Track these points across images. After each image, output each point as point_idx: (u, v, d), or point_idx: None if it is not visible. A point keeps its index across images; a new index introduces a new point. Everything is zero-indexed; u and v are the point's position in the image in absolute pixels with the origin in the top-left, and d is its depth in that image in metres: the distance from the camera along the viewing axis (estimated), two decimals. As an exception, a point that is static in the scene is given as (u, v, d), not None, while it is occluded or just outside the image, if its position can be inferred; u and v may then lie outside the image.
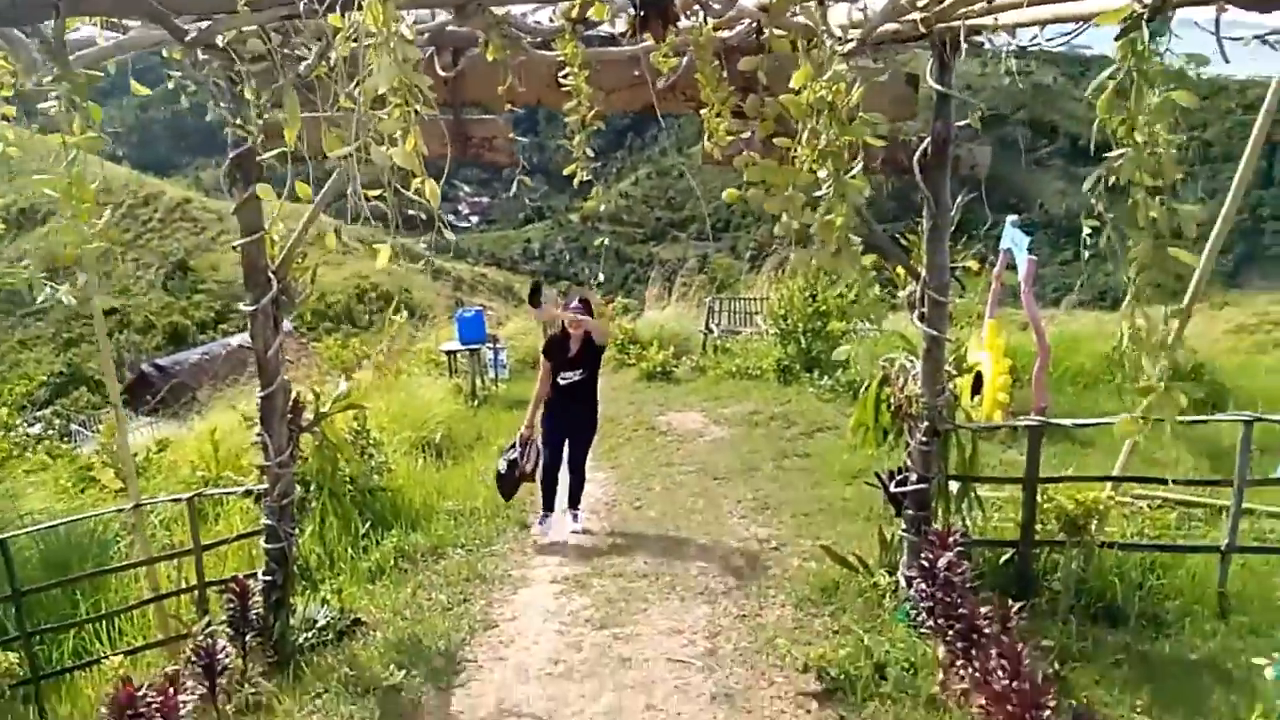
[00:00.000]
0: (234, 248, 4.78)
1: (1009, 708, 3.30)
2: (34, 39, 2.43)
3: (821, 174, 1.97)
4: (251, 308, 4.72)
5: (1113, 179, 2.12)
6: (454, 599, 5.70)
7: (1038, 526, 5.00)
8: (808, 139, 1.96)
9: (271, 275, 4.71)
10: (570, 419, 7.01)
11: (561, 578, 6.04)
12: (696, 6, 2.76)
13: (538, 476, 6.99)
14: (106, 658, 4.86)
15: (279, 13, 2.18)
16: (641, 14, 2.10)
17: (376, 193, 2.43)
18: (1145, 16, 1.91)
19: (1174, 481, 5.43)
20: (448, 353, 13.52)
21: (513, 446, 7.03)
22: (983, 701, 3.48)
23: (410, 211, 2.03)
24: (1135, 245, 2.27)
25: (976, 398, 9.31)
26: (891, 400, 4.86)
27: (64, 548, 6.14)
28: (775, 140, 2.20)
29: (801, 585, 5.50)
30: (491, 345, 14.10)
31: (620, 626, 5.23)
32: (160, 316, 56.36)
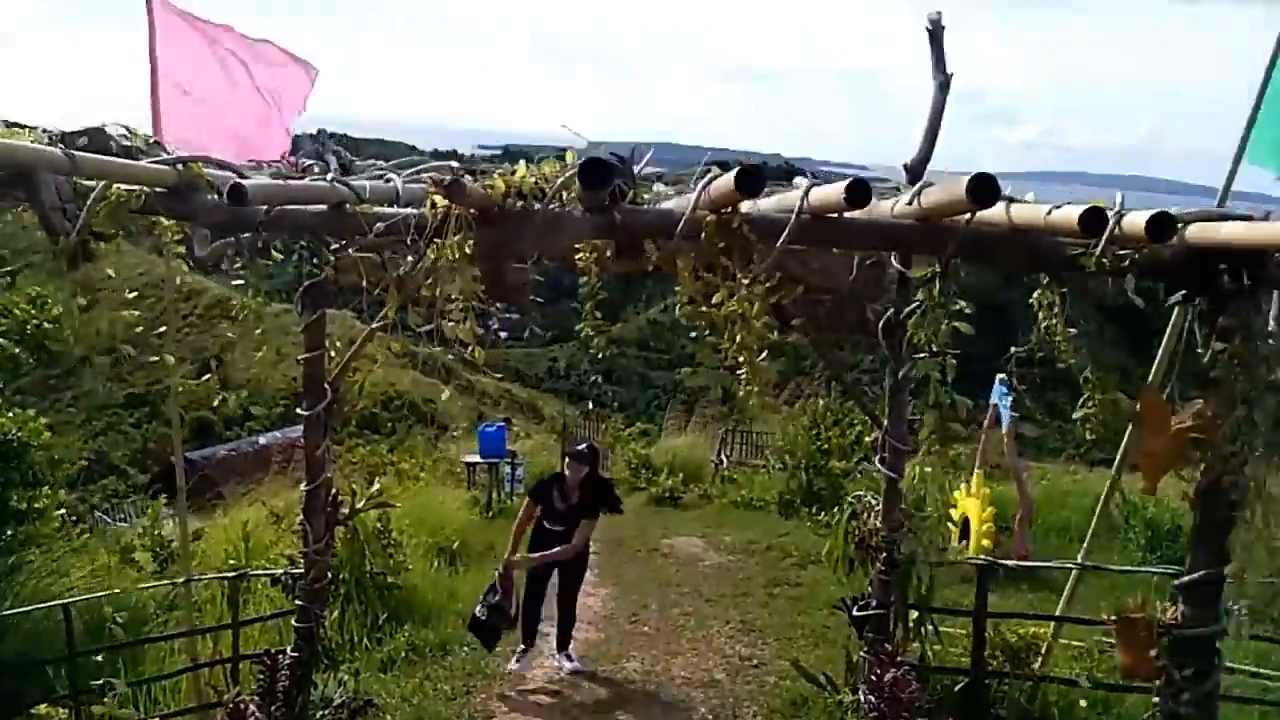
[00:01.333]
0: (299, 361, 5.58)
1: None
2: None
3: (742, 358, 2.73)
4: (308, 412, 5.49)
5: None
6: (457, 690, 6.25)
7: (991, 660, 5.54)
8: (728, 336, 2.73)
9: (328, 385, 5.50)
10: (548, 566, 6.67)
11: (557, 679, 6.58)
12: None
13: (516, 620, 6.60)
14: (142, 721, 5.44)
15: (388, 243, 3.02)
16: (618, 250, 2.89)
17: (427, 327, 3.23)
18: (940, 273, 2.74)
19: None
20: (468, 464, 14.24)
21: (492, 589, 6.50)
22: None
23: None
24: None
25: (964, 542, 9.86)
26: (856, 533, 5.51)
27: (104, 620, 6.79)
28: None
29: (774, 699, 6.03)
30: (509, 461, 14.80)
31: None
32: (189, 410, 57.65)
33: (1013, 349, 4.00)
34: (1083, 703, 5.59)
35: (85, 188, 2.42)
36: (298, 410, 5.66)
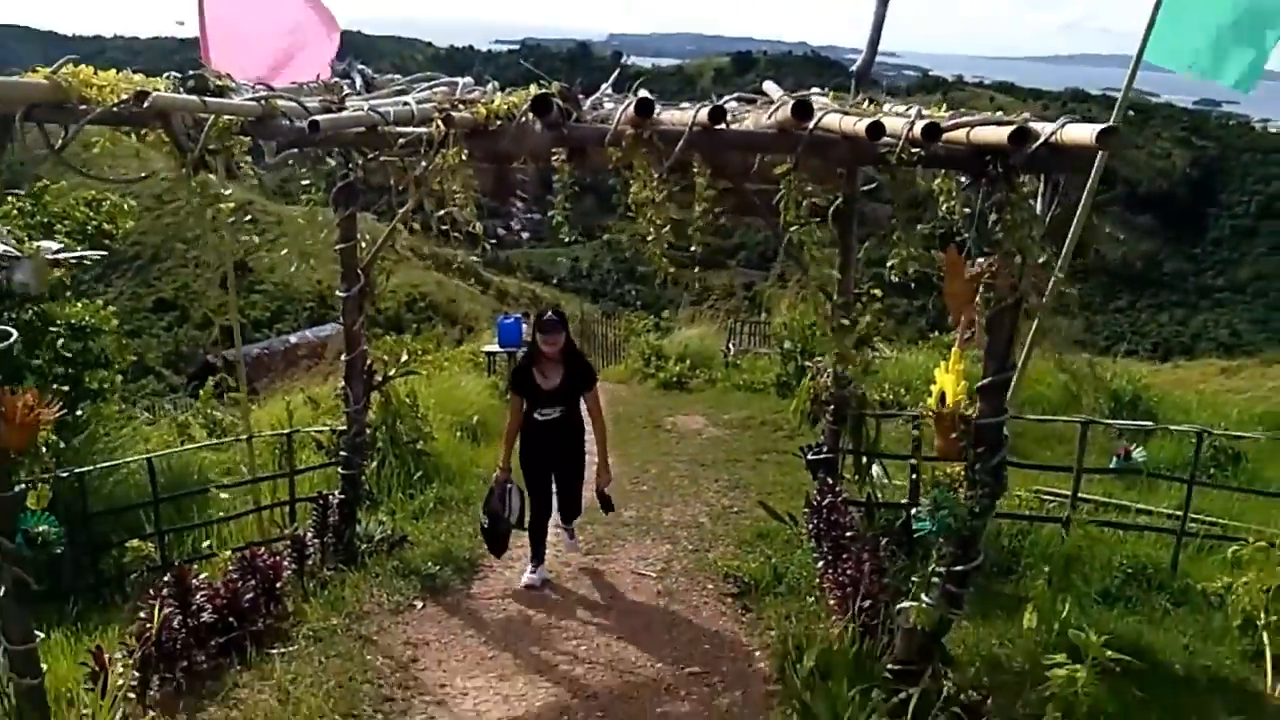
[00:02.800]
0: (335, 249, 6.50)
1: (844, 590, 4.89)
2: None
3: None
4: (345, 294, 6.46)
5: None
6: (478, 530, 7.36)
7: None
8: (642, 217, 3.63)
9: (361, 272, 6.45)
10: (551, 458, 6.24)
11: (562, 525, 7.69)
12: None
13: (525, 524, 6.32)
14: (215, 554, 6.60)
15: (407, 153, 3.88)
16: (569, 154, 3.76)
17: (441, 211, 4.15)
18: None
19: (1028, 467, 6.96)
20: (488, 354, 15.30)
21: (491, 494, 6.31)
22: (832, 587, 5.06)
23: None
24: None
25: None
26: (812, 391, 6.47)
27: (179, 476, 7.96)
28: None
29: (744, 533, 7.12)
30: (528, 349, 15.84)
31: (601, 554, 6.89)
32: (217, 314, 59.08)
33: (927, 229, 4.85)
34: (1005, 534, 6.63)
35: (199, 118, 3.32)
36: (337, 293, 6.62)
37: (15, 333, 3.52)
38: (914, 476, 6.47)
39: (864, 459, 6.55)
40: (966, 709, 3.81)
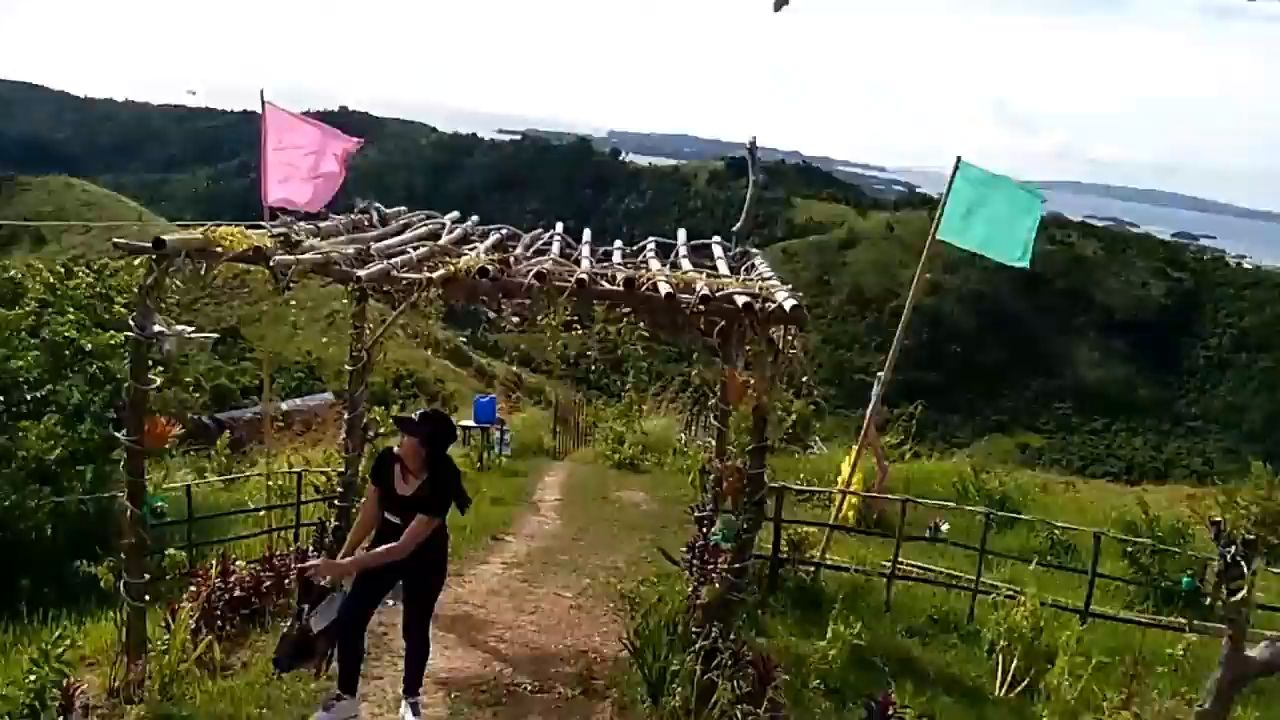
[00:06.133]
0: (350, 333, 8.57)
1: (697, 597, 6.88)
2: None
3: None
4: (352, 368, 8.54)
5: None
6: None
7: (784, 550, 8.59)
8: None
9: (365, 352, 8.54)
10: (387, 570, 5.37)
11: (513, 560, 9.65)
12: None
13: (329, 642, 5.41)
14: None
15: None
16: (505, 293, 5.99)
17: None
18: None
19: (857, 531, 9.02)
20: (464, 428, 17.31)
21: (307, 595, 5.37)
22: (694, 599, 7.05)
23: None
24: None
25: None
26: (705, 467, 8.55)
27: (200, 506, 9.91)
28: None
29: (650, 572, 9.09)
30: (499, 427, 17.87)
31: (533, 581, 8.86)
32: (208, 379, 60.97)
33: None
34: (846, 586, 8.62)
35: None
36: (345, 366, 8.69)
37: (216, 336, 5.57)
38: (776, 532, 8.54)
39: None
40: (754, 663, 5.74)
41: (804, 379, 7.04)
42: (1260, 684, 7.23)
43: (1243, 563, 6.98)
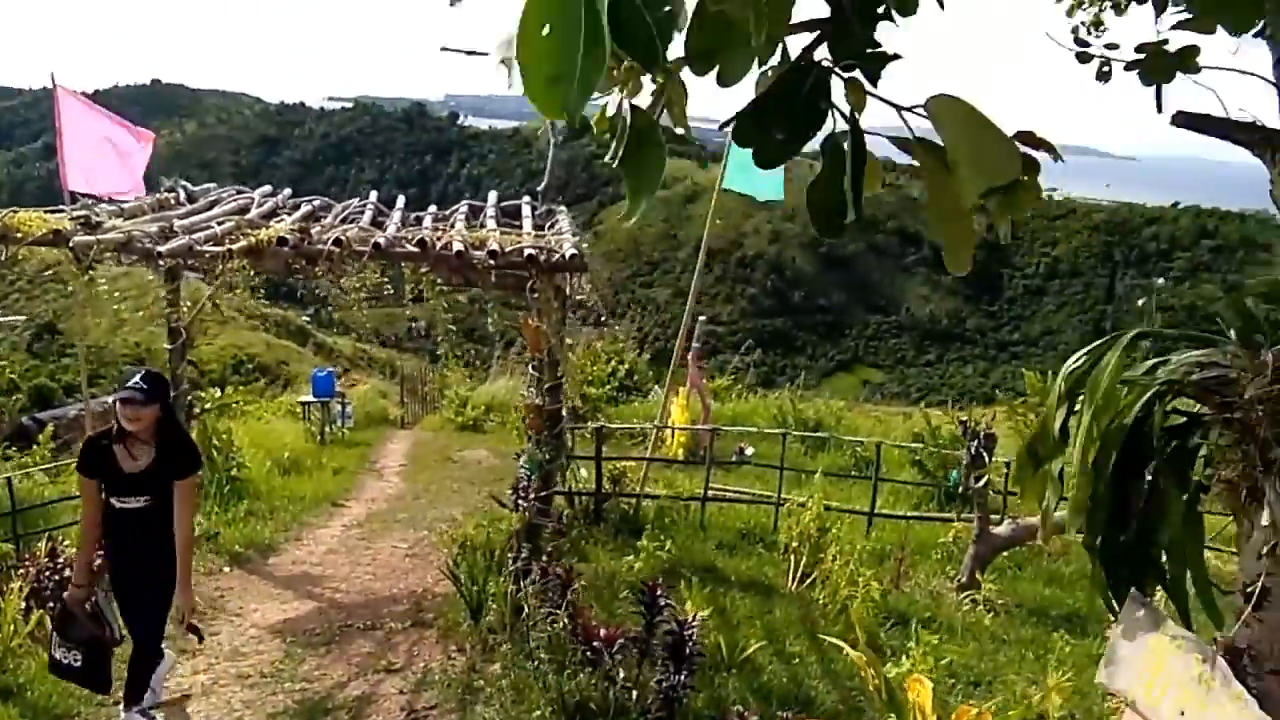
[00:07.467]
0: (164, 312, 8.68)
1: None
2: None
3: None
4: (170, 347, 8.66)
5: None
6: (277, 529, 9.57)
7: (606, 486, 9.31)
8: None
9: (184, 329, 8.66)
10: (129, 565, 4.81)
11: (352, 522, 10.00)
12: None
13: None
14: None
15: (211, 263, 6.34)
16: (307, 260, 6.35)
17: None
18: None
19: (679, 463, 9.86)
20: (303, 403, 17.28)
21: (72, 621, 4.85)
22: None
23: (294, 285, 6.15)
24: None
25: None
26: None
27: (24, 498, 9.79)
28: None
29: (481, 518, 9.64)
30: (340, 400, 17.90)
31: (371, 538, 9.26)
32: (25, 379, 57.03)
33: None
34: (666, 512, 9.42)
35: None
36: (164, 345, 8.81)
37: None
38: (598, 469, 9.24)
39: (566, 460, 9.24)
40: (559, 576, 6.42)
41: (601, 319, 7.71)
42: (1000, 563, 8.54)
43: (984, 454, 8.19)
